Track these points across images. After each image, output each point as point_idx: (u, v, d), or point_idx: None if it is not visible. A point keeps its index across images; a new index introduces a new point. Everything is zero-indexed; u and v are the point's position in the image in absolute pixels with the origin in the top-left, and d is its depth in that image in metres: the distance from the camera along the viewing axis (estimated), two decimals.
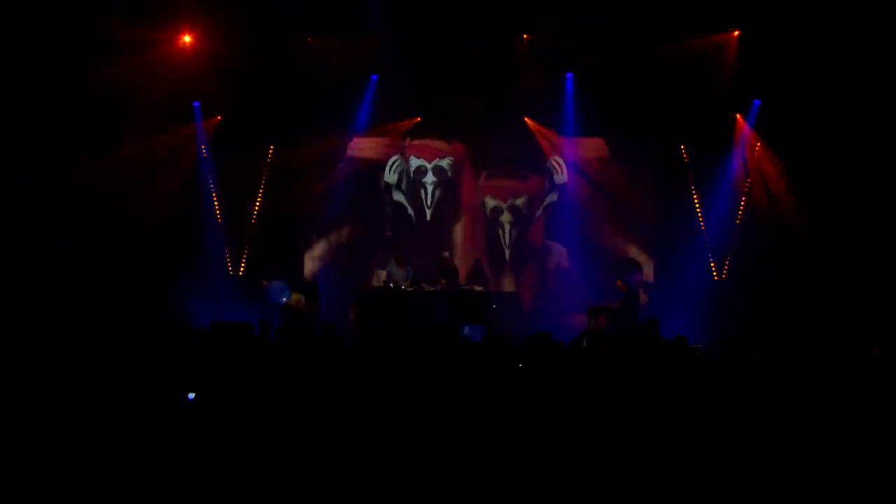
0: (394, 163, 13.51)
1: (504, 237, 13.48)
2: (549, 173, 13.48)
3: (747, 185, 12.47)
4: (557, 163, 13.42)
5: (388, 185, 13.52)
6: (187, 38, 11.91)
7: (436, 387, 5.31)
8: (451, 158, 13.51)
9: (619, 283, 11.29)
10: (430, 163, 13.51)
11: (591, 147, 13.34)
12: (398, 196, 13.53)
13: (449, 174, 13.52)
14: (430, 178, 13.50)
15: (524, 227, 13.51)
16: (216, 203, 12.85)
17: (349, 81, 12.71)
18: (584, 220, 13.09)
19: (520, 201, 13.51)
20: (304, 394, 5.04)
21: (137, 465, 4.05)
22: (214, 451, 4.18)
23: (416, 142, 13.51)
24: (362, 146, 13.47)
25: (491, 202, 13.52)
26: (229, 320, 8.75)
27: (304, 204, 13.32)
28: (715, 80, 11.81)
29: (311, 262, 13.29)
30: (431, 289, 11.78)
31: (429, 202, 13.49)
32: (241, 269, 12.95)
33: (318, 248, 13.38)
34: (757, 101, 12.15)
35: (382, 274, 12.65)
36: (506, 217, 13.47)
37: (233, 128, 12.68)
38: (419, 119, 13.27)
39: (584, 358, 7.08)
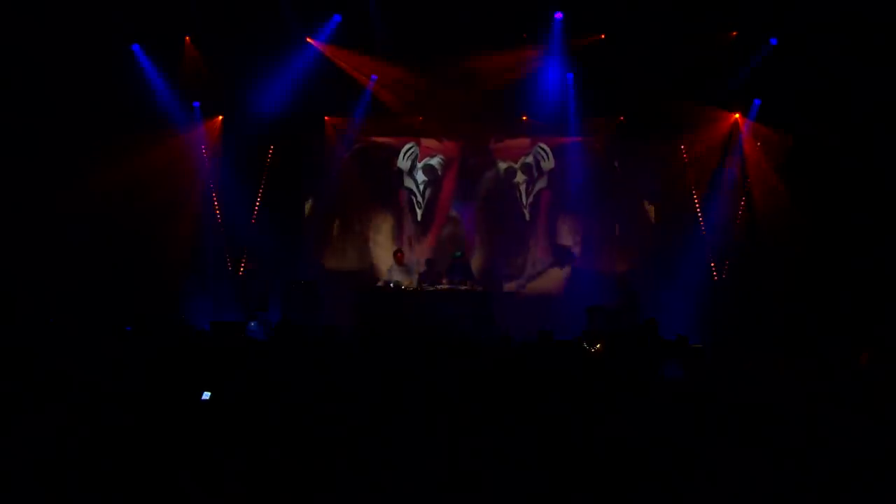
0: (408, 149, 13.50)
1: (522, 197, 13.45)
2: (535, 160, 13.46)
3: (747, 184, 12.45)
4: (543, 150, 13.41)
5: (400, 170, 13.52)
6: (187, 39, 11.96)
7: (434, 387, 5.31)
8: (442, 157, 13.50)
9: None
10: (420, 162, 13.50)
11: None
12: (409, 183, 13.53)
13: (439, 172, 13.50)
14: (420, 177, 13.49)
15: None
16: (216, 202, 12.84)
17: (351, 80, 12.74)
18: (577, 211, 13.12)
19: (530, 158, 13.49)
20: (303, 395, 5.04)
21: (137, 464, 4.05)
22: (213, 451, 4.18)
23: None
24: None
25: (503, 165, 13.51)
26: (229, 320, 8.77)
27: (305, 205, 13.37)
28: (715, 80, 11.82)
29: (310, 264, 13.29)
30: (432, 289, 11.76)
31: (419, 201, 13.47)
32: (241, 269, 12.95)
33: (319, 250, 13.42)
34: (757, 101, 12.13)
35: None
36: (519, 178, 13.44)
37: (233, 127, 12.70)
38: (421, 118, 13.25)
39: (584, 358, 7.09)
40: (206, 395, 4.72)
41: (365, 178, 13.41)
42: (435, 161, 13.50)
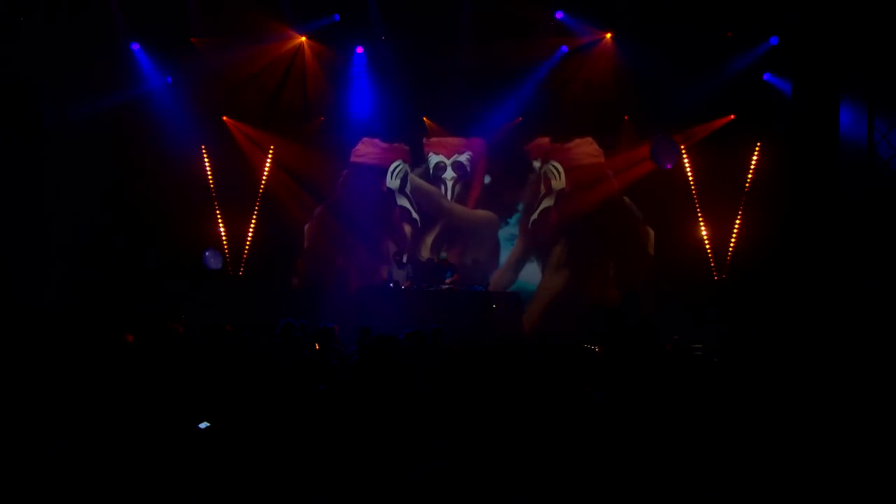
0: (396, 168, 13.45)
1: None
2: (545, 178, 13.40)
3: (748, 184, 12.41)
4: (555, 168, 13.37)
5: (390, 190, 13.48)
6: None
7: (433, 387, 5.31)
8: (470, 153, 13.49)
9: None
10: (448, 158, 13.49)
11: (584, 152, 13.30)
12: (402, 201, 13.49)
13: (468, 168, 13.50)
14: (449, 174, 13.48)
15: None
16: (216, 202, 12.83)
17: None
18: (583, 227, 13.09)
19: (464, 157, 13.47)
20: (301, 396, 5.03)
21: (133, 466, 4.05)
22: (208, 454, 4.18)
23: (434, 139, 13.49)
24: (363, 152, 13.44)
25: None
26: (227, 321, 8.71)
27: (305, 207, 13.38)
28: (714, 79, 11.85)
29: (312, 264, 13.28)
30: (432, 289, 11.75)
31: (450, 198, 13.50)
32: (241, 269, 12.94)
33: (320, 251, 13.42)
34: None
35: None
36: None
37: (235, 127, 12.74)
38: (425, 118, 13.26)
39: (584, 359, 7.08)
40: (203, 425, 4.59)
41: (355, 202, 13.29)
42: (464, 158, 13.47)
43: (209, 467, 4.09)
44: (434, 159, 13.50)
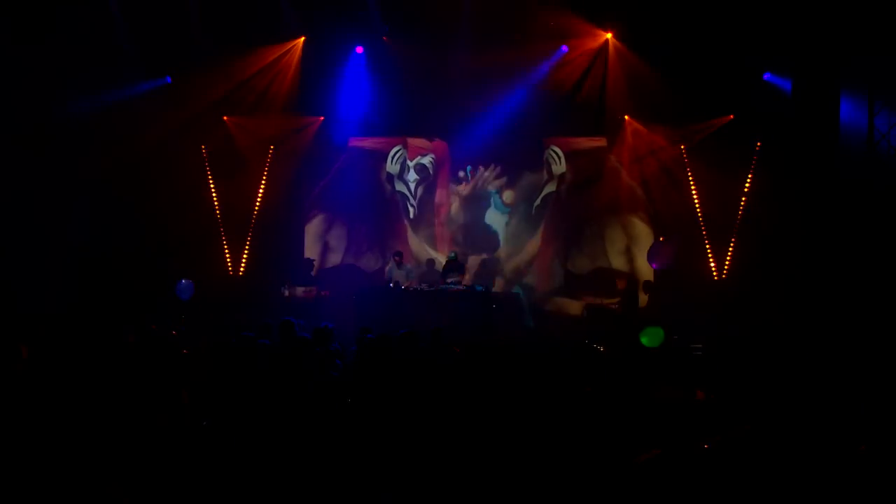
0: (396, 153, 13.51)
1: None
2: (546, 163, 13.42)
3: (748, 183, 12.41)
4: (555, 153, 13.38)
5: (389, 175, 13.53)
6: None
7: (433, 387, 5.31)
8: (433, 156, 13.51)
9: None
10: (411, 161, 13.53)
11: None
12: (400, 186, 13.55)
13: (430, 171, 13.55)
14: (412, 177, 13.52)
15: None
16: (216, 203, 12.83)
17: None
18: (585, 213, 13.17)
19: (426, 160, 13.54)
20: (302, 396, 5.03)
21: (133, 468, 4.04)
22: (207, 457, 4.17)
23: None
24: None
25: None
26: (228, 323, 8.70)
27: (304, 203, 13.38)
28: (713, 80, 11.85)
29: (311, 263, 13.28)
30: (431, 289, 11.75)
31: (412, 200, 13.49)
32: (241, 269, 12.94)
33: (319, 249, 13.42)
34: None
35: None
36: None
37: (234, 126, 12.74)
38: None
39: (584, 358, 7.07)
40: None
41: (355, 185, 13.34)
42: (427, 160, 13.52)
43: (207, 468, 4.08)
44: None
